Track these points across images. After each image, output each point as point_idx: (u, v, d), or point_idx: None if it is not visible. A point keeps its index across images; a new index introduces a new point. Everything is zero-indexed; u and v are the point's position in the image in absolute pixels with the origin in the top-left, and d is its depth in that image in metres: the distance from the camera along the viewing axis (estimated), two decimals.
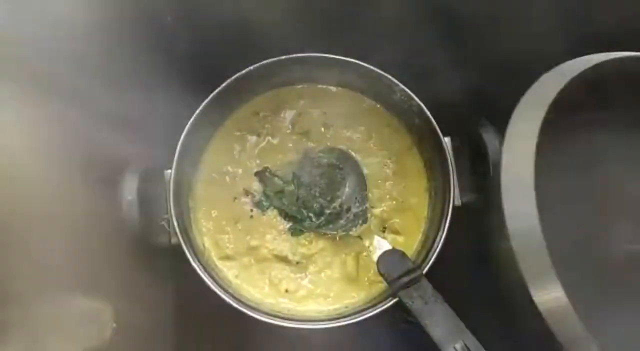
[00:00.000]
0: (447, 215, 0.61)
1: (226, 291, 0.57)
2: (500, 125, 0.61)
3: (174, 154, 0.60)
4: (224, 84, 0.63)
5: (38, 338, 0.71)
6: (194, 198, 0.65)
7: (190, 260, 0.58)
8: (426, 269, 0.59)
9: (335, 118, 0.69)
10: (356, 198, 0.66)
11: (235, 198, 0.66)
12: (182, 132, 0.61)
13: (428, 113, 0.63)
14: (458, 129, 0.65)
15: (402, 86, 0.63)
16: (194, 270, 0.58)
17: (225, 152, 0.67)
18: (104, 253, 0.67)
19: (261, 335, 0.67)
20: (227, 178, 0.66)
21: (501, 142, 0.59)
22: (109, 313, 0.70)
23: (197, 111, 0.62)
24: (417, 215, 0.66)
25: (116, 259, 0.66)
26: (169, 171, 0.61)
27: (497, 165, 0.59)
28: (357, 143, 0.68)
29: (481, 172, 0.61)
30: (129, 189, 0.55)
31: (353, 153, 0.68)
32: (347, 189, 0.66)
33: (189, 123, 0.61)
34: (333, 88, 0.70)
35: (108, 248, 0.64)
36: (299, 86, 0.69)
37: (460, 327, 0.54)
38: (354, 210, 0.65)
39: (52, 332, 0.71)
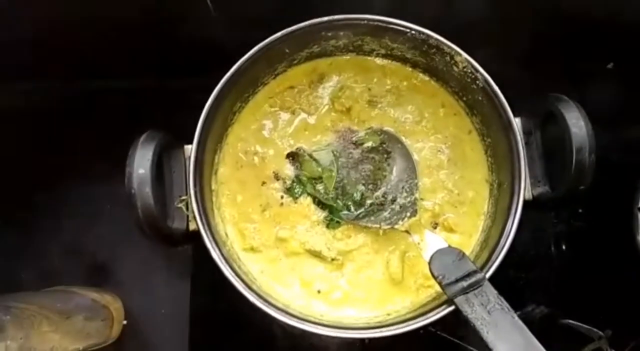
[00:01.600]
0: (515, 211, 0.52)
1: (250, 288, 0.49)
2: (584, 100, 0.51)
3: (196, 127, 0.52)
4: (253, 50, 0.55)
5: (39, 333, 0.64)
6: (217, 180, 0.58)
7: (210, 249, 0.50)
8: (489, 273, 0.49)
9: (381, 95, 0.61)
10: (403, 187, 0.57)
11: (263, 182, 0.58)
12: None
13: (496, 88, 0.53)
14: (528, 109, 0.55)
15: (465, 55, 0.54)
16: (214, 262, 0.50)
17: (254, 129, 0.60)
18: (113, 239, 0.60)
19: (285, 335, 0.62)
20: (256, 159, 0.59)
21: (587, 121, 0.49)
22: (118, 308, 0.64)
23: (223, 80, 0.54)
24: (476, 211, 0.57)
25: (127, 246, 0.60)
26: (190, 146, 0.53)
27: (582, 149, 0.49)
28: (406, 125, 0.60)
29: (559, 159, 0.51)
30: (142, 162, 0.47)
31: (401, 137, 0.59)
32: (393, 177, 0.58)
33: (213, 93, 0.54)
34: (380, 61, 0.61)
35: (118, 233, 0.58)
36: (341, 57, 0.61)
37: (532, 343, 0.44)
38: (400, 201, 0.56)
39: (55, 328, 0.64)
